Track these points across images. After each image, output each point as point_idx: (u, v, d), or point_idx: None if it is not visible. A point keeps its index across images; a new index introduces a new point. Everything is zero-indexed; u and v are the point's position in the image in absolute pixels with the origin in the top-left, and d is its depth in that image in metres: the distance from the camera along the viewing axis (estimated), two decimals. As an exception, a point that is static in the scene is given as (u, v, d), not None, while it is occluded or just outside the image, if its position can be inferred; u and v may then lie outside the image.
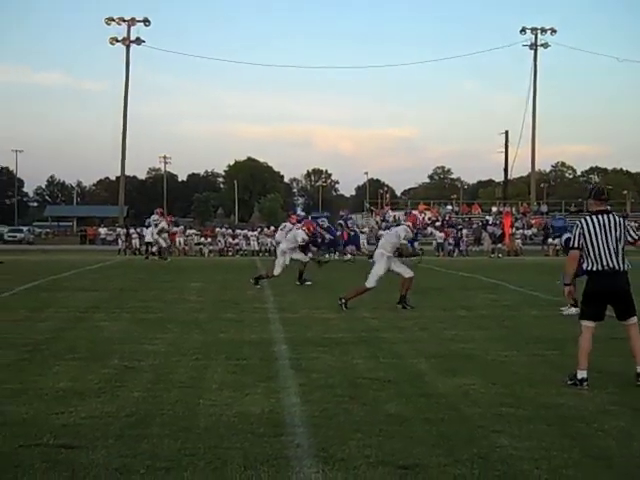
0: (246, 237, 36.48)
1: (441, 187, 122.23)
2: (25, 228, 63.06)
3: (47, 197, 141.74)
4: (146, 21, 53.76)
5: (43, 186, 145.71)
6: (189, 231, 36.47)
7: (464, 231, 38.99)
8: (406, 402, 5.35)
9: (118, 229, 42.81)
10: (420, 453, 4.18)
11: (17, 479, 3.71)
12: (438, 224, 42.50)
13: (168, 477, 3.78)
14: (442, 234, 37.17)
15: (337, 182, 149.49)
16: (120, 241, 37.84)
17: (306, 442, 4.37)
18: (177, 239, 34.65)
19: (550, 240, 36.82)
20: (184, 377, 6.15)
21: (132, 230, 38.27)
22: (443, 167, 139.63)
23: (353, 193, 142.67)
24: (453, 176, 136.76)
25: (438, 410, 5.12)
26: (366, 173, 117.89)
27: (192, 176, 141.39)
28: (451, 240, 36.40)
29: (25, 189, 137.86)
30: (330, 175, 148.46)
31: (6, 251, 36.15)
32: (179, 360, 6.89)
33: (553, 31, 57.94)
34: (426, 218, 47.68)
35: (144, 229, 38.01)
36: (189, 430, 4.60)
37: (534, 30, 58.16)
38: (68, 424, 4.71)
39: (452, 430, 4.64)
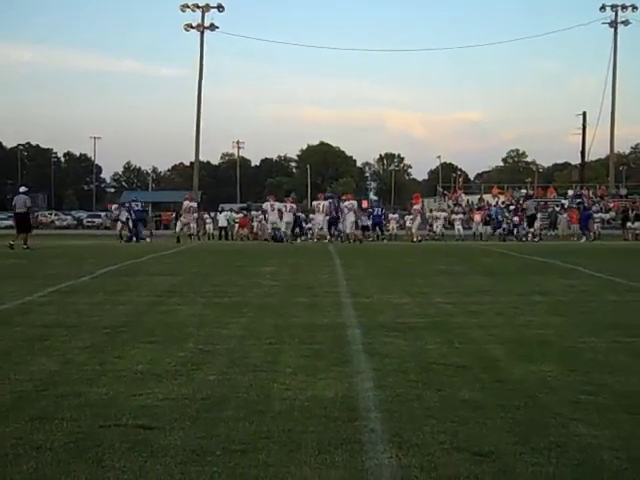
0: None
1: (515, 170, 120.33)
2: (103, 213, 64.47)
3: (124, 183, 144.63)
4: (220, 7, 54.26)
5: (120, 172, 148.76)
6: (261, 216, 36.62)
7: (539, 215, 38.29)
8: (480, 388, 5.30)
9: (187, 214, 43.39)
10: (495, 440, 4.13)
11: (99, 458, 3.81)
12: (512, 208, 41.79)
13: (243, 459, 3.82)
14: (516, 218, 36.60)
15: (410, 166, 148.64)
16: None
17: (380, 427, 4.36)
18: (252, 224, 34.95)
19: (629, 224, 35.95)
20: (258, 361, 6.20)
21: (206, 215, 38.79)
22: (517, 150, 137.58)
23: (425, 177, 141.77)
24: (528, 159, 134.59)
25: (513, 397, 5.06)
26: (439, 157, 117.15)
27: (265, 161, 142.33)
28: (525, 224, 35.83)
29: (103, 175, 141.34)
30: (403, 159, 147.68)
31: (85, 235, 37.08)
32: (253, 344, 6.96)
33: (634, 8, 56.33)
34: (499, 202, 47.12)
35: (217, 214, 38.54)
36: (264, 413, 4.64)
37: (614, 7, 56.65)
38: (146, 405, 4.80)
39: (528, 417, 4.57)
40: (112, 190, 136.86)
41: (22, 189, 25.06)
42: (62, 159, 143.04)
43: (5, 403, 4.83)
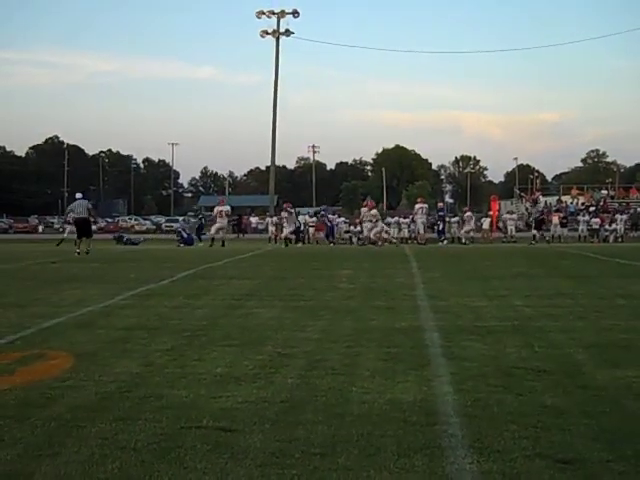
0: (398, 224, 36.63)
1: (595, 171, 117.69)
2: (180, 218, 65.54)
3: (201, 188, 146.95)
4: (295, 13, 54.55)
5: (197, 177, 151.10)
6: (338, 219, 36.77)
7: (621, 216, 37.38)
8: (563, 393, 5.19)
9: (268, 218, 43.76)
10: (580, 447, 4.03)
11: (180, 459, 3.86)
12: (592, 209, 40.90)
13: (323, 463, 3.82)
14: (597, 220, 35.83)
15: (486, 168, 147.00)
16: (270, 229, 38.64)
17: (459, 432, 4.31)
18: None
19: None
20: (336, 364, 6.20)
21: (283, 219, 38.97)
22: (597, 150, 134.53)
23: (502, 179, 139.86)
24: (608, 159, 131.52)
25: (598, 403, 4.93)
26: (515, 159, 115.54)
27: (340, 165, 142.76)
28: (607, 226, 35.06)
29: (180, 180, 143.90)
30: (479, 161, 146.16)
31: (163, 240, 37.75)
32: (331, 347, 6.96)
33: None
34: (579, 203, 46.19)
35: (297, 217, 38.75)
36: (342, 417, 4.63)
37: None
38: (226, 408, 4.85)
39: (614, 424, 4.45)
40: (189, 195, 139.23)
41: (79, 195, 25.40)
42: (141, 165, 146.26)
43: (91, 404, 4.94)
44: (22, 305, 10.08)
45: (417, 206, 34.90)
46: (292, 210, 33.12)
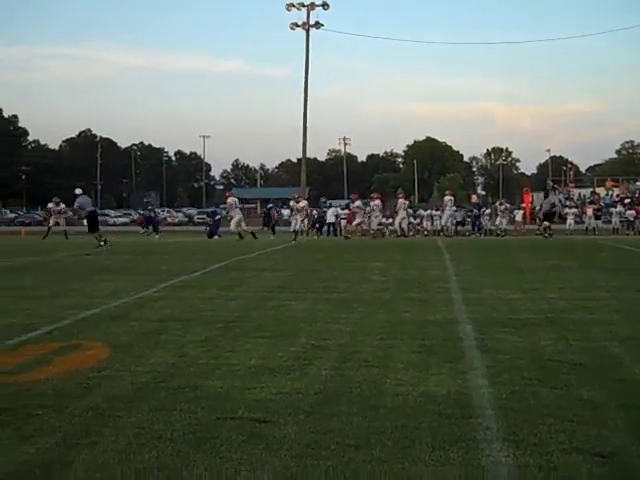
0: (430, 216, 36.52)
1: (630, 162, 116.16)
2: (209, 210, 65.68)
3: (232, 180, 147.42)
4: (325, 5, 54.38)
5: (229, 169, 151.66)
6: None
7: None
8: (600, 387, 5.13)
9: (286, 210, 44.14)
10: (617, 441, 3.99)
11: (216, 449, 3.88)
12: (627, 201, 40.41)
13: (358, 454, 3.82)
14: (632, 211, 35.42)
15: (518, 160, 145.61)
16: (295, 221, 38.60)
17: (495, 425, 4.28)
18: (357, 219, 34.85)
19: None
20: (370, 356, 6.19)
21: (314, 211, 39.03)
22: (632, 141, 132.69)
23: (534, 171, 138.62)
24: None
25: (636, 396, 4.87)
26: (548, 150, 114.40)
27: (371, 157, 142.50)
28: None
29: (212, 173, 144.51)
30: (510, 153, 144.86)
31: (195, 232, 37.95)
32: (364, 340, 6.96)
33: None
34: (614, 195, 45.67)
35: (326, 210, 38.78)
36: (376, 409, 4.63)
37: None
38: (260, 399, 4.86)
39: (652, 418, 4.40)
40: (221, 187, 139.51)
41: (79, 191, 25.28)
42: (173, 158, 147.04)
43: (127, 394, 4.98)
44: (57, 296, 10.20)
45: (446, 198, 35.25)
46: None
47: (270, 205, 39.57)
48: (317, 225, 36.06)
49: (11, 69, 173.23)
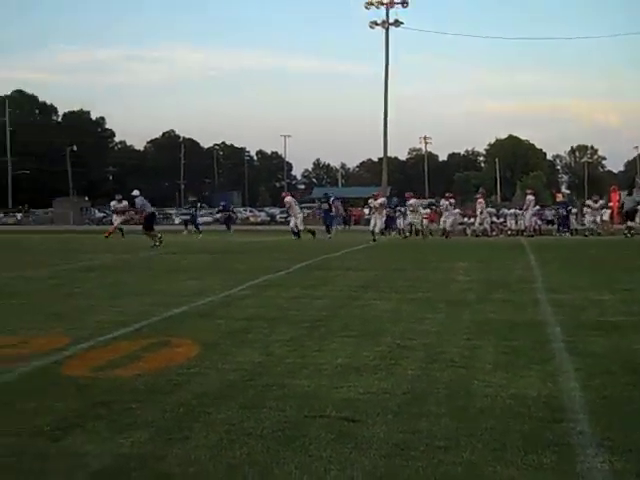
0: (514, 216, 36.04)
1: None
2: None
3: (313, 179, 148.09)
4: (404, 2, 54.23)
5: (310, 169, 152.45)
6: (454, 211, 36.35)
7: None
8: (698, 393, 4.97)
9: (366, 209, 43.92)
10: None
11: (305, 447, 3.90)
12: None
13: (447, 456, 3.79)
14: None
15: (604, 158, 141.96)
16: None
17: (588, 429, 4.18)
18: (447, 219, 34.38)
19: None
20: (456, 357, 6.13)
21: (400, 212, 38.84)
22: None
23: (622, 169, 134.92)
24: None
25: None
26: (636, 147, 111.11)
27: (452, 155, 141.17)
28: None
29: (293, 172, 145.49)
30: (596, 150, 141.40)
31: (277, 231, 38.25)
32: (450, 340, 6.90)
33: None
34: None
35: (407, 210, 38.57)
36: (465, 410, 4.58)
37: None
38: (348, 398, 4.87)
39: None
40: (302, 187, 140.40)
41: (137, 192, 25.95)
42: (255, 157, 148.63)
43: (216, 391, 5.05)
44: (146, 294, 10.42)
45: (528, 197, 34.99)
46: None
47: (332, 197, 36.32)
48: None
49: (98, 71, 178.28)
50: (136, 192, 25.87)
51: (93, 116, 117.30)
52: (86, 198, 34.83)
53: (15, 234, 39.47)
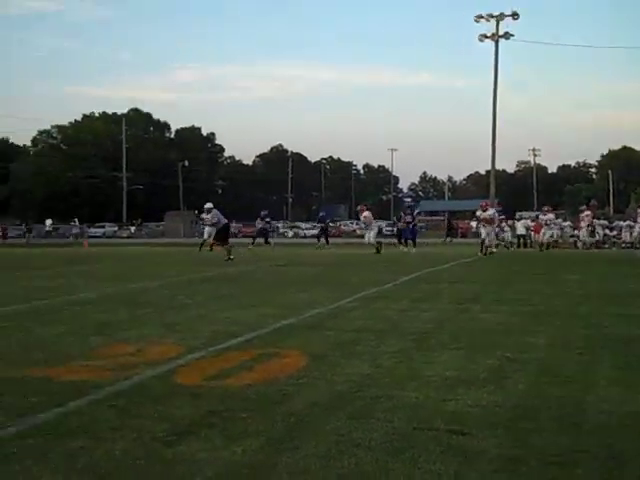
0: (630, 227, 35.17)
1: None
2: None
3: (420, 192, 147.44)
4: (514, 15, 53.41)
5: (416, 182, 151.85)
6: (564, 223, 35.66)
7: None
8: None
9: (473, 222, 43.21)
10: None
11: (414, 459, 3.87)
12: None
13: (561, 473, 3.69)
14: None
15: None
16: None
17: None
18: (547, 232, 33.73)
19: None
20: (569, 371, 5.98)
21: (503, 224, 38.33)
22: None
23: None
24: None
25: None
26: None
27: (562, 167, 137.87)
28: None
29: (400, 185, 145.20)
30: None
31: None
32: (562, 354, 6.73)
33: None
34: None
35: (515, 222, 38.01)
36: (579, 426, 4.46)
37: None
38: (456, 411, 4.81)
39: None
40: (409, 199, 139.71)
41: (210, 205, 25.68)
42: (361, 171, 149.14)
43: (325, 402, 5.08)
44: (256, 306, 10.58)
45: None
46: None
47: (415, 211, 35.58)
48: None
49: (208, 89, 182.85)
50: (209, 205, 25.83)
51: (204, 132, 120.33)
52: (196, 212, 35.20)
53: (128, 247, 40.82)
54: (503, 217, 39.53)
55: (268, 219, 39.53)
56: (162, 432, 4.34)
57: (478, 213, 28.52)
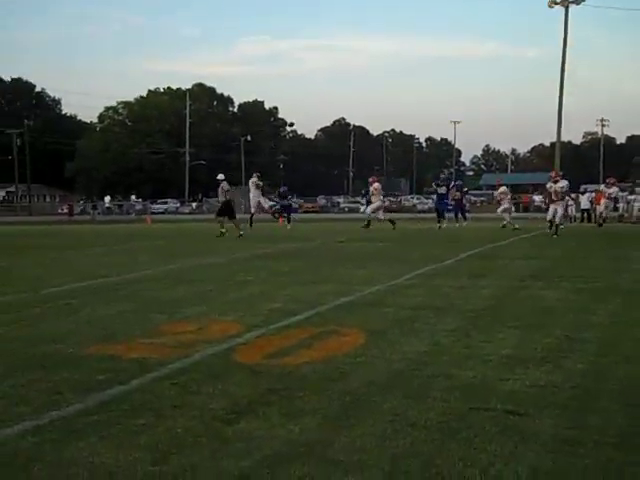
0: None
1: None
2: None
3: (482, 166, 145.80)
4: (586, -20, 51.96)
5: (479, 155, 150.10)
6: (630, 197, 34.86)
7: None
8: None
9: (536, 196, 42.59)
10: None
11: (470, 439, 3.90)
12: None
13: (618, 454, 3.68)
14: None
15: None
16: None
17: None
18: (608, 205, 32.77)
19: None
20: (630, 351, 5.91)
21: (567, 197, 37.66)
22: None
23: None
24: None
25: None
26: None
27: (632, 138, 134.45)
28: None
29: (462, 159, 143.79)
30: None
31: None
32: (624, 333, 6.65)
33: None
34: None
35: (579, 195, 37.36)
36: (638, 407, 4.43)
37: None
38: (514, 391, 4.81)
39: None
40: (471, 173, 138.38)
41: (221, 176, 25.00)
42: (424, 144, 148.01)
43: (382, 380, 5.13)
44: (316, 282, 10.65)
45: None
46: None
47: (452, 183, 33.57)
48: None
49: (271, 62, 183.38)
50: (221, 176, 25.03)
51: (267, 106, 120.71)
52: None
53: (189, 223, 41.34)
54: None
55: (290, 195, 37.61)
56: (222, 410, 4.45)
57: (548, 185, 24.54)
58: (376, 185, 28.43)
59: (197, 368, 5.57)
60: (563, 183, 23.61)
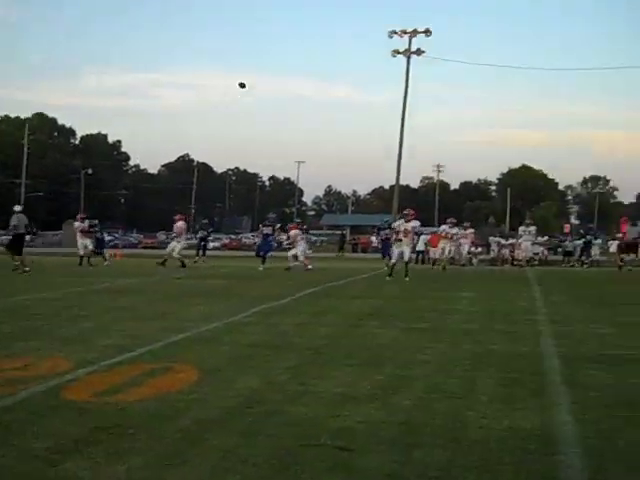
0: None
1: None
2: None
3: (323, 206, 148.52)
4: (427, 31, 54.32)
5: (321, 195, 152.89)
6: (462, 240, 36.37)
7: None
8: (696, 429, 4.99)
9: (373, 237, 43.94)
10: None
11: (298, 475, 3.95)
12: None
13: (438, 487, 3.84)
14: None
15: (616, 189, 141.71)
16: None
17: (579, 463, 4.22)
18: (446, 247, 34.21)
19: None
20: (454, 388, 6.18)
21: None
22: None
23: (633, 200, 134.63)
24: None
25: None
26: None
27: (464, 184, 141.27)
28: None
29: (304, 199, 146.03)
30: (608, 181, 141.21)
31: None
32: (450, 370, 6.94)
33: None
34: None
35: (416, 237, 38.63)
36: (459, 441, 4.62)
37: None
38: (344, 427, 4.91)
39: None
40: (312, 213, 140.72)
41: (18, 208, 23.15)
42: (267, 183, 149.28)
43: (215, 418, 5.11)
44: (152, 319, 10.49)
45: (521, 228, 34.98)
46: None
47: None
48: None
49: (115, 96, 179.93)
50: (18, 207, 23.23)
51: (110, 139, 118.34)
52: (96, 221, 33.79)
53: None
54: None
55: (211, 229, 38.03)
56: (46, 450, 4.29)
57: (396, 224, 23.10)
58: (180, 224, 27.91)
59: (22, 406, 5.35)
60: (415, 223, 22.34)
